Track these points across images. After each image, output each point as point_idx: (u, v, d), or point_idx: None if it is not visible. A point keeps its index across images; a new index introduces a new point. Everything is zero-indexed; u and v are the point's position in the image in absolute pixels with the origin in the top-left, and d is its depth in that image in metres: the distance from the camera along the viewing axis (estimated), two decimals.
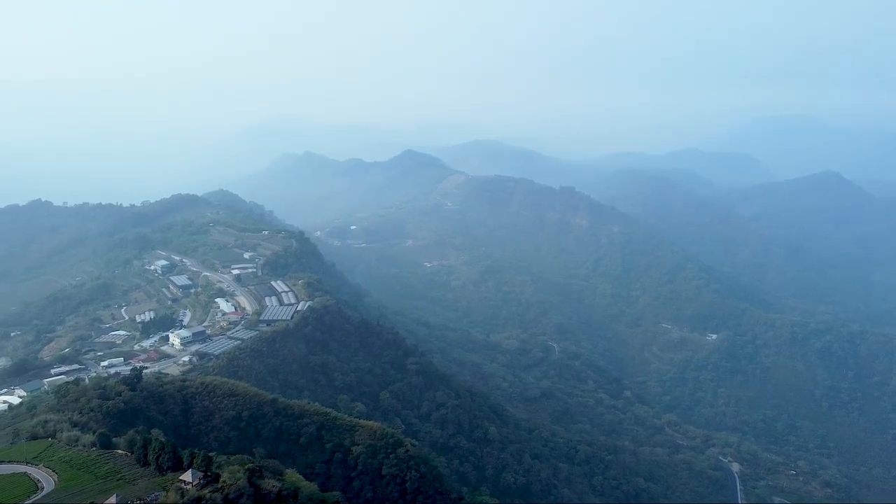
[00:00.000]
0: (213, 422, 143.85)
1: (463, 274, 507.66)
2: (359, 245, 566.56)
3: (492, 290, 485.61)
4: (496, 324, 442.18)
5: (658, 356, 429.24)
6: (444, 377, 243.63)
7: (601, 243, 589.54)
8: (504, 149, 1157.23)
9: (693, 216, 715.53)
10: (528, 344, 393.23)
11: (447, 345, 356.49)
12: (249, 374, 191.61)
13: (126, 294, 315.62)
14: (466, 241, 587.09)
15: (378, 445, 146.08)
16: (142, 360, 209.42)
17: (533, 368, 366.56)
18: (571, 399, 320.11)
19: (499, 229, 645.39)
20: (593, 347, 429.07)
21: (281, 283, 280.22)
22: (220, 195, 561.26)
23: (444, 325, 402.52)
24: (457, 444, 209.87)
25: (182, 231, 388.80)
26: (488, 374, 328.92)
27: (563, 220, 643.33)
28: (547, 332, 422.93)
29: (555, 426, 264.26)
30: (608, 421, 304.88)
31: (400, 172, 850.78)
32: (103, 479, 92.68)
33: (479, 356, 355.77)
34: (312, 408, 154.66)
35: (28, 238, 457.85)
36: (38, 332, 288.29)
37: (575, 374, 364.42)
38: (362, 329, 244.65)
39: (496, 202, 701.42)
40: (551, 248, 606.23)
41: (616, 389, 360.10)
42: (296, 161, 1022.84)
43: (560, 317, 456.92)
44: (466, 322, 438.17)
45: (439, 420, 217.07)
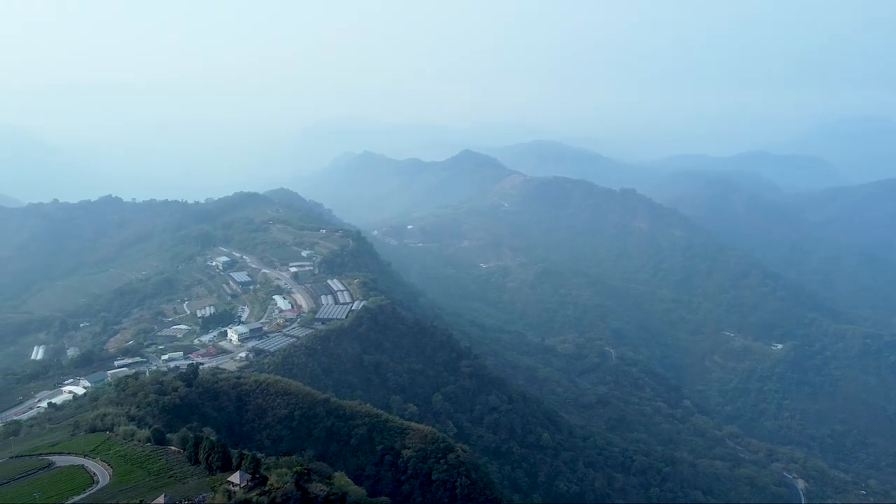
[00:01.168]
0: (265, 420, 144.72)
1: (519, 276, 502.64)
2: (415, 244, 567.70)
3: (548, 292, 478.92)
4: (552, 327, 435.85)
5: (719, 365, 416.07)
6: (498, 381, 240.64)
7: (662, 247, 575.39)
8: (563, 149, 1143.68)
9: (758, 221, 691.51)
10: (584, 349, 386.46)
11: (501, 347, 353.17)
12: (304, 372, 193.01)
13: (188, 289, 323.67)
14: (523, 242, 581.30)
15: (429, 449, 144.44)
16: (200, 354, 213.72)
17: (589, 374, 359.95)
18: (628, 407, 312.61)
19: (556, 231, 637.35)
20: (651, 354, 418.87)
21: (337, 281, 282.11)
22: (280, 193, 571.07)
23: (498, 328, 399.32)
24: (509, 450, 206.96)
25: (243, 228, 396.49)
26: (542, 378, 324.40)
27: (622, 223, 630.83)
28: (604, 336, 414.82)
29: (610, 434, 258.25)
30: (666, 431, 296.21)
31: (457, 172, 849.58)
32: (155, 475, 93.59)
33: (533, 360, 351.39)
34: (364, 409, 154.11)
35: (98, 232, 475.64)
36: (105, 323, 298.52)
37: (632, 380, 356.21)
38: (416, 330, 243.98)
39: (554, 203, 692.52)
40: (610, 252, 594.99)
41: (675, 398, 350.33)
42: (355, 160, 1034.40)
43: (618, 321, 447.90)
44: (521, 324, 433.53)
45: (492, 424, 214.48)
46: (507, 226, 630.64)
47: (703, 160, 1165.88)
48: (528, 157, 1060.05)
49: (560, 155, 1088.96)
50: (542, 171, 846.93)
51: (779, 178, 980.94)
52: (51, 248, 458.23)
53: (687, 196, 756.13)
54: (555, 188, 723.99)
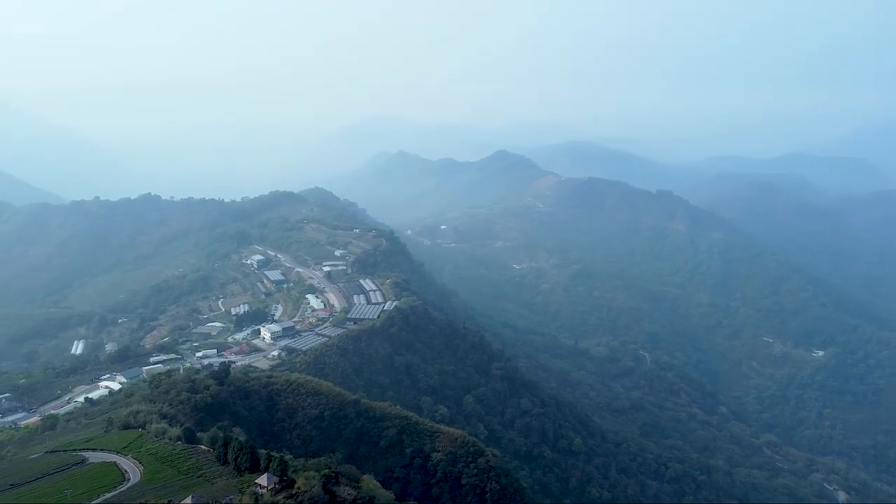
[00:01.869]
0: (296, 419, 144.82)
1: (553, 277, 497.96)
2: (448, 245, 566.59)
3: (582, 294, 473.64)
4: (585, 330, 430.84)
5: (757, 371, 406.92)
6: (530, 384, 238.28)
7: (699, 250, 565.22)
8: (598, 150, 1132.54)
9: (800, 224, 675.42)
10: (618, 352, 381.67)
11: (534, 349, 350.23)
12: (335, 372, 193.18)
13: (223, 287, 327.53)
14: (557, 243, 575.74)
15: (458, 453, 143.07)
16: (234, 352, 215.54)
17: (622, 378, 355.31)
18: (662, 412, 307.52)
19: (591, 233, 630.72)
20: (687, 359, 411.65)
21: (369, 281, 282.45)
22: (315, 192, 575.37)
23: (531, 329, 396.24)
24: (540, 454, 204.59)
25: (278, 227, 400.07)
26: (575, 381, 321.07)
27: (658, 225, 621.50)
28: (638, 340, 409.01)
29: (644, 440, 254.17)
30: (701, 437, 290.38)
31: (491, 173, 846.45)
32: (185, 474, 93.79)
33: (566, 363, 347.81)
34: (394, 411, 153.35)
35: (138, 230, 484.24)
36: (142, 320, 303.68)
37: (667, 386, 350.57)
38: (448, 331, 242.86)
39: (589, 205, 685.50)
40: (646, 254, 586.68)
41: (711, 404, 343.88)
42: (389, 160, 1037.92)
43: (653, 325, 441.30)
44: (554, 327, 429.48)
45: (523, 428, 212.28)
46: (541, 227, 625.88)
47: (743, 161, 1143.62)
48: (563, 158, 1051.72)
49: (595, 155, 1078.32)
50: (576, 172, 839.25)
51: (821, 180, 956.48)
52: (92, 244, 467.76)
53: (726, 198, 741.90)
54: (590, 189, 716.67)
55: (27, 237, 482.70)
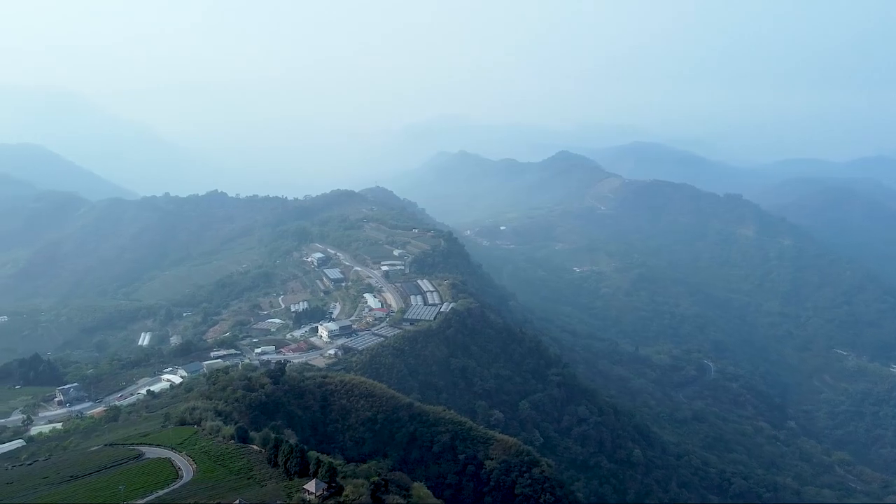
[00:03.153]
0: (349, 421, 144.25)
1: (614, 281, 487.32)
2: (507, 246, 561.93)
3: (644, 299, 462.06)
4: (647, 336, 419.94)
5: (830, 385, 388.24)
6: (588, 391, 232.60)
7: (769, 256, 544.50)
8: (664, 152, 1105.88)
9: (878, 231, 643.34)
10: (680, 360, 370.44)
11: (593, 355, 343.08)
12: (390, 373, 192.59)
13: (284, 283, 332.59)
14: (619, 247, 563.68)
15: (512, 462, 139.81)
16: (291, 349, 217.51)
17: (685, 387, 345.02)
18: (727, 425, 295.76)
19: (655, 236, 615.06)
20: (754, 369, 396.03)
21: (427, 282, 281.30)
22: (376, 191, 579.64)
23: (590, 334, 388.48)
24: (597, 464, 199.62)
25: (338, 226, 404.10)
26: (635, 389, 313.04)
27: (726, 230, 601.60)
28: (702, 348, 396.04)
29: (706, 453, 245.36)
30: (768, 453, 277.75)
31: (553, 174, 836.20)
32: (236, 475, 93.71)
33: (626, 370, 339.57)
34: (447, 416, 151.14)
35: (204, 225, 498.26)
36: (205, 314, 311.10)
37: (732, 397, 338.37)
38: (504, 335, 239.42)
39: (653, 208, 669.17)
40: (712, 260, 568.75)
41: (778, 418, 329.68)
42: (450, 159, 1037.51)
43: (718, 333, 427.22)
44: (615, 332, 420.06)
45: (580, 436, 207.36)
46: (602, 229, 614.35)
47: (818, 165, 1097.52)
48: (627, 159, 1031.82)
49: (660, 157, 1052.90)
50: (641, 174, 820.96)
51: None
52: (161, 239, 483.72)
53: (798, 203, 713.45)
54: (654, 192, 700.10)
55: (101, 231, 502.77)
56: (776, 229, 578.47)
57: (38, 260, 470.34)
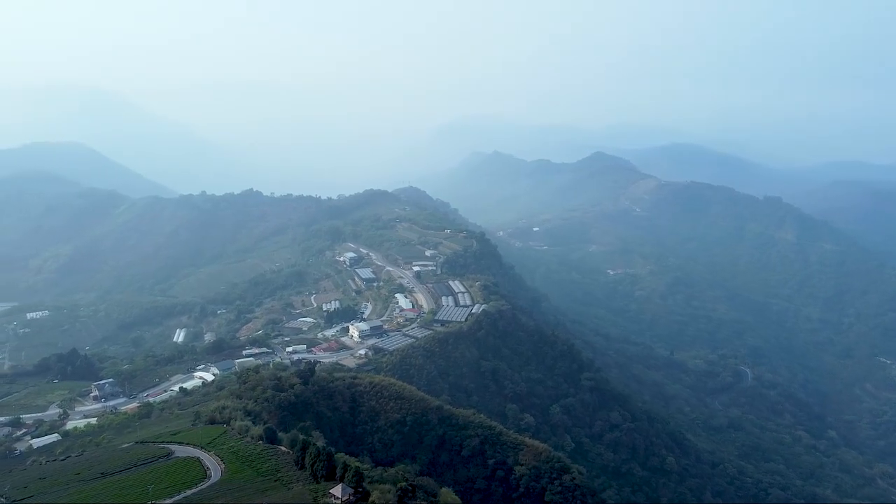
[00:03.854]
0: (378, 423, 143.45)
1: (648, 284, 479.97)
2: (540, 247, 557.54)
3: (679, 303, 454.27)
4: (682, 341, 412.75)
5: (872, 394, 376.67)
6: (621, 397, 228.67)
7: (809, 261, 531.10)
8: (702, 153, 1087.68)
9: None
10: (716, 366, 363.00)
11: (626, 359, 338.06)
12: (420, 374, 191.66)
13: (316, 283, 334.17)
14: (655, 249, 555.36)
15: (543, 468, 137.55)
16: (322, 349, 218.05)
17: (721, 394, 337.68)
18: (764, 433, 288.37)
19: (691, 239, 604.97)
20: (793, 377, 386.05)
21: (458, 283, 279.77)
22: (409, 191, 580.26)
23: (624, 338, 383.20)
24: (629, 471, 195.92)
25: (371, 225, 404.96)
26: (670, 395, 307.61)
27: (765, 234, 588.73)
28: (739, 354, 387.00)
29: (742, 462, 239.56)
30: (806, 463, 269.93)
31: (587, 175, 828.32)
32: (263, 476, 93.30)
33: (660, 374, 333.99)
34: (477, 420, 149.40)
35: (239, 224, 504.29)
36: (239, 311, 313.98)
37: (770, 405, 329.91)
38: (536, 337, 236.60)
39: (690, 210, 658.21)
40: (750, 263, 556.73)
41: (818, 428, 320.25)
42: (484, 160, 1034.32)
43: (756, 339, 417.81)
44: (649, 336, 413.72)
45: (612, 442, 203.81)
46: (637, 231, 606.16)
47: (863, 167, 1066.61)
48: (663, 161, 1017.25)
49: (698, 158, 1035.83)
50: (677, 176, 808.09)
51: None
52: (197, 236, 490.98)
53: (842, 206, 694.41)
54: (691, 194, 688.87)
55: (140, 228, 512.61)
56: (818, 233, 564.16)
57: (79, 255, 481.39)
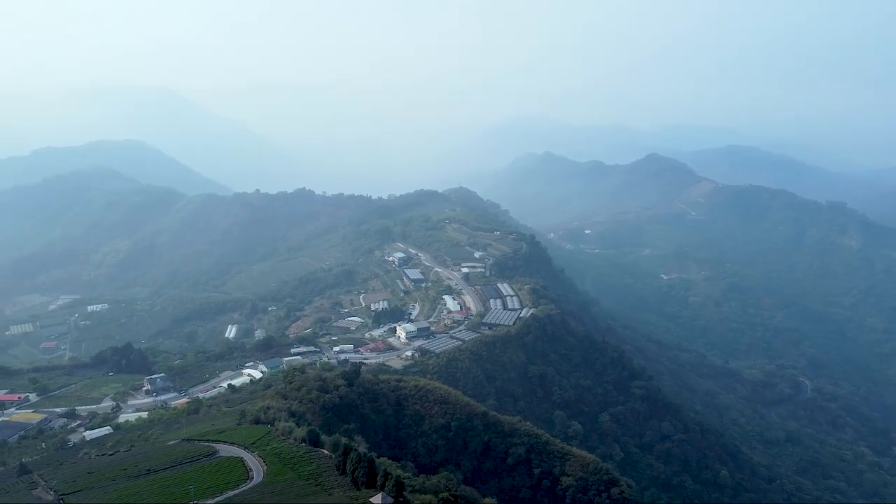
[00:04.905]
0: (422, 427, 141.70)
1: (703, 290, 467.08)
2: (592, 250, 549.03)
3: (735, 310, 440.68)
4: (737, 349, 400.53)
5: None
6: (673, 406, 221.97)
7: (874, 269, 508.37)
8: (761, 155, 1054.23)
9: None
10: (773, 376, 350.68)
11: (679, 367, 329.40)
12: (467, 377, 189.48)
13: (365, 282, 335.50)
14: (710, 254, 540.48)
15: (590, 479, 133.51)
16: (369, 349, 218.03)
17: (778, 406, 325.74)
18: (823, 448, 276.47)
19: (749, 244, 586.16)
20: (855, 390, 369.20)
21: (507, 286, 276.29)
22: (459, 192, 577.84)
23: (677, 345, 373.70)
24: (681, 483, 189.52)
25: (420, 226, 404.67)
26: (723, 406, 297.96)
27: (827, 240, 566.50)
28: (798, 365, 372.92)
29: (800, 478, 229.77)
30: (869, 481, 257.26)
31: (641, 177, 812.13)
32: (304, 480, 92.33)
33: (714, 384, 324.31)
34: (523, 427, 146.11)
35: (291, 222, 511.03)
36: (289, 309, 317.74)
37: (830, 418, 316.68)
38: (586, 343, 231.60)
39: (748, 214, 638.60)
40: (810, 271, 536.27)
41: (882, 444, 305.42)
42: (535, 161, 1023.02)
43: (815, 349, 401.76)
44: (702, 343, 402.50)
45: (663, 453, 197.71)
46: (692, 236, 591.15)
47: None
48: (720, 163, 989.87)
49: (757, 161, 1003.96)
50: (735, 179, 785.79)
51: None
52: (250, 234, 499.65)
53: None
54: (749, 197, 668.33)
55: (196, 225, 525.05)
56: (885, 240, 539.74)
57: (137, 251, 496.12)
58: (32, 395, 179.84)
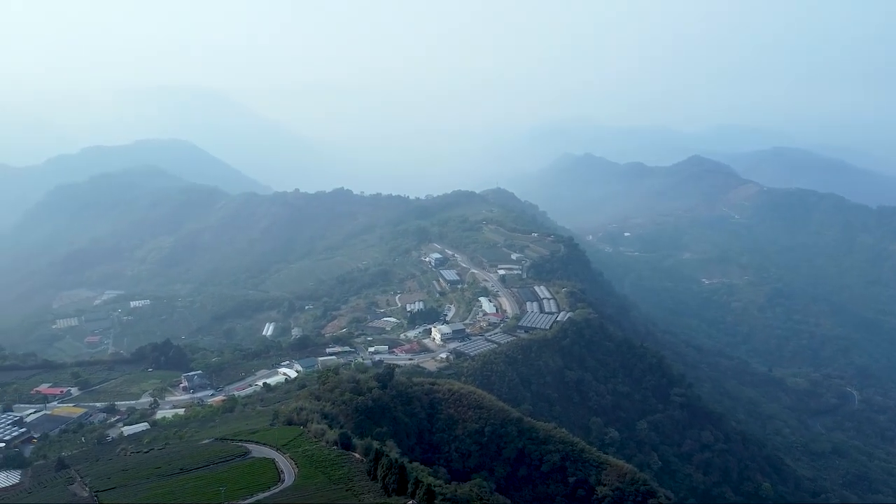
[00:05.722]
0: (455, 432, 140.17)
1: (746, 295, 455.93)
2: (631, 253, 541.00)
3: (779, 316, 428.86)
4: (781, 357, 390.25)
5: None
6: (713, 415, 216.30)
7: None
8: (808, 158, 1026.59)
9: None
10: (819, 386, 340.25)
11: (720, 374, 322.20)
12: (502, 381, 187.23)
13: (401, 282, 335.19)
14: (754, 259, 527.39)
15: (627, 490, 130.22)
16: (404, 350, 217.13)
17: (824, 416, 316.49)
18: (872, 462, 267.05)
19: (794, 249, 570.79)
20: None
21: (544, 288, 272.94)
22: (496, 193, 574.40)
23: (718, 351, 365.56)
24: (721, 495, 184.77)
25: (457, 227, 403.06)
26: (766, 415, 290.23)
27: (878, 246, 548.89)
28: (845, 374, 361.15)
29: (846, 492, 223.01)
30: None
31: (683, 179, 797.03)
32: (335, 484, 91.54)
33: (757, 392, 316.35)
34: (559, 434, 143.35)
35: (329, 221, 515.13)
36: (325, 308, 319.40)
37: (879, 431, 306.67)
38: (624, 348, 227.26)
39: (794, 218, 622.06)
40: (860, 277, 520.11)
41: None
42: (575, 162, 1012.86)
43: (864, 358, 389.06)
44: (745, 350, 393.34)
45: (702, 463, 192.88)
46: (736, 239, 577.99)
47: None
48: (766, 166, 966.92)
49: (804, 164, 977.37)
50: (780, 182, 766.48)
51: None
52: (289, 232, 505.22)
53: None
54: (796, 201, 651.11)
55: (237, 223, 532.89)
56: None
57: (179, 248, 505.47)
58: (74, 389, 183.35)
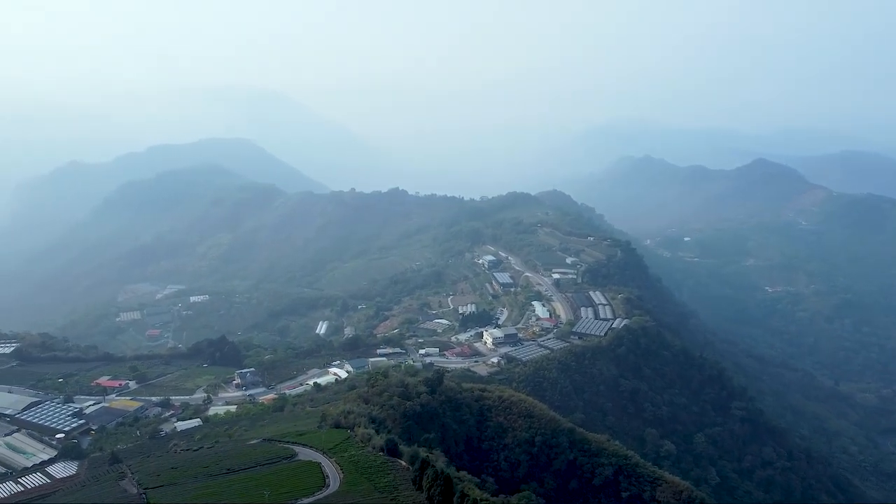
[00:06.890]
0: (505, 440, 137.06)
1: (812, 305, 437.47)
2: (690, 259, 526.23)
3: (848, 328, 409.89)
4: (849, 370, 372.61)
5: None
6: (776, 431, 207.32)
7: None
8: (881, 162, 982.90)
9: None
10: (890, 402, 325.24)
11: (783, 387, 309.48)
12: (553, 388, 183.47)
13: (454, 284, 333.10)
14: (821, 267, 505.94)
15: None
16: (455, 353, 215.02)
17: (894, 434, 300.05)
18: None
19: (865, 258, 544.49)
20: None
21: (599, 294, 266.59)
22: (552, 195, 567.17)
23: (781, 363, 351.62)
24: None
25: (511, 229, 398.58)
26: (833, 431, 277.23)
27: None
28: None
29: None
30: None
31: (746, 183, 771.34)
32: (380, 492, 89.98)
33: (823, 407, 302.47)
34: (612, 448, 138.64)
35: (384, 221, 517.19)
36: (378, 308, 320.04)
37: None
38: (682, 358, 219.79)
39: (865, 225, 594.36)
40: None
41: None
42: (633, 164, 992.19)
43: None
44: (810, 362, 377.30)
45: (763, 481, 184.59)
46: (802, 247, 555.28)
47: None
48: (835, 170, 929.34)
49: (876, 168, 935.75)
50: (850, 187, 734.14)
51: None
52: (344, 232, 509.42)
53: None
54: (867, 207, 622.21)
55: (294, 222, 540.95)
56: None
57: (238, 245, 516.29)
58: (132, 382, 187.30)
